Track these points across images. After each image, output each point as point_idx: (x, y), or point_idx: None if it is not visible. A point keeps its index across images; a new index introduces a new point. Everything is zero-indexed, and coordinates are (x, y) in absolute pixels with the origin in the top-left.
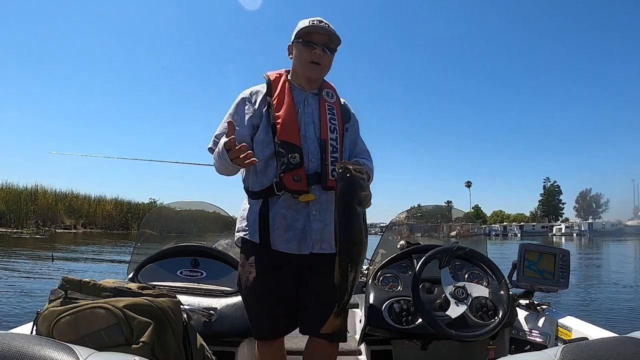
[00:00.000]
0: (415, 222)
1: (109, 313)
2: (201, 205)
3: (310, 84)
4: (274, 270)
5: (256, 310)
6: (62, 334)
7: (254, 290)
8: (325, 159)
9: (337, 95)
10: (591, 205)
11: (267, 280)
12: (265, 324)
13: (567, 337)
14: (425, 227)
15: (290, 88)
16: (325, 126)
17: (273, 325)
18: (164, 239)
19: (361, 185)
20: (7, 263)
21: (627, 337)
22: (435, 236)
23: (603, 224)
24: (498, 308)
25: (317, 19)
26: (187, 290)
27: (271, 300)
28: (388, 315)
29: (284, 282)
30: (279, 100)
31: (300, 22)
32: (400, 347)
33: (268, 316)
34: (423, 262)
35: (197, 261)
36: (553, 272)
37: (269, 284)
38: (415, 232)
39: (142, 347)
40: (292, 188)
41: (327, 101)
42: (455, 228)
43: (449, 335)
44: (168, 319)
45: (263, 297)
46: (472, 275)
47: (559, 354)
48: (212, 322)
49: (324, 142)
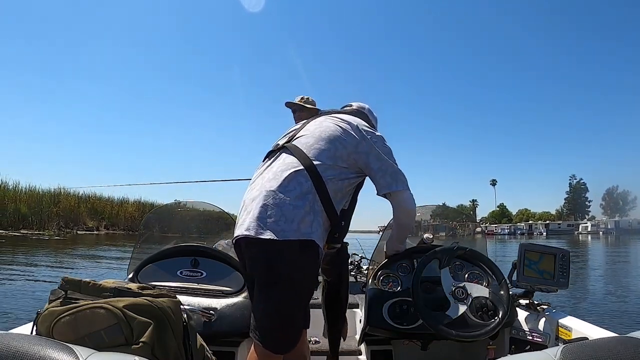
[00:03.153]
0: (440, 221)
1: (109, 313)
2: (201, 205)
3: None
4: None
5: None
6: (62, 334)
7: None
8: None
9: None
10: (618, 202)
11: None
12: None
13: (567, 337)
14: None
15: None
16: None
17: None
18: (164, 239)
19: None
20: (15, 264)
21: (627, 337)
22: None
23: (630, 222)
24: (498, 308)
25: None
26: (187, 291)
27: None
28: (388, 315)
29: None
30: None
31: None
32: (400, 347)
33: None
34: (423, 262)
35: (197, 261)
36: (553, 272)
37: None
38: (439, 232)
39: (142, 347)
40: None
41: None
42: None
43: (449, 335)
44: (168, 319)
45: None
46: (472, 275)
47: (559, 354)
48: (212, 322)
49: None
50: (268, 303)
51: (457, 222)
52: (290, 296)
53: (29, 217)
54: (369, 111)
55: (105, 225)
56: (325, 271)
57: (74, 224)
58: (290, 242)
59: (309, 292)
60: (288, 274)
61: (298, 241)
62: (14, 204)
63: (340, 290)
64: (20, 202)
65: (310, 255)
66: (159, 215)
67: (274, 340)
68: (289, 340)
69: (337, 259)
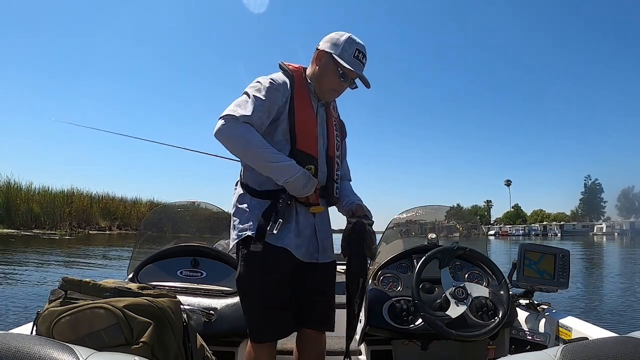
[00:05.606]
0: (454, 223)
1: (109, 313)
2: (201, 205)
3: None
4: (281, 270)
5: (265, 310)
6: (62, 334)
7: (265, 290)
8: (331, 175)
9: (337, 109)
10: (634, 203)
11: (278, 281)
12: (275, 324)
13: (567, 337)
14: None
15: (309, 92)
16: (333, 143)
17: (281, 325)
18: (164, 239)
19: (372, 240)
20: (20, 263)
21: (627, 337)
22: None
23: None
24: (498, 308)
25: (362, 51)
26: (187, 291)
27: (282, 299)
28: (388, 315)
29: (287, 282)
30: (300, 104)
31: (348, 41)
32: (400, 347)
33: (278, 316)
34: (423, 262)
35: (197, 261)
36: (553, 272)
37: (280, 284)
38: (453, 233)
39: (142, 347)
40: (306, 200)
41: (334, 116)
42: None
43: (449, 335)
44: (168, 319)
45: (276, 297)
46: (472, 275)
47: (559, 354)
48: (212, 322)
49: (331, 159)
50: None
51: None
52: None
53: (42, 217)
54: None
55: (118, 225)
56: (343, 250)
57: (87, 224)
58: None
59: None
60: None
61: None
62: (26, 204)
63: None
64: (33, 202)
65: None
66: (159, 215)
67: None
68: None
69: (348, 238)
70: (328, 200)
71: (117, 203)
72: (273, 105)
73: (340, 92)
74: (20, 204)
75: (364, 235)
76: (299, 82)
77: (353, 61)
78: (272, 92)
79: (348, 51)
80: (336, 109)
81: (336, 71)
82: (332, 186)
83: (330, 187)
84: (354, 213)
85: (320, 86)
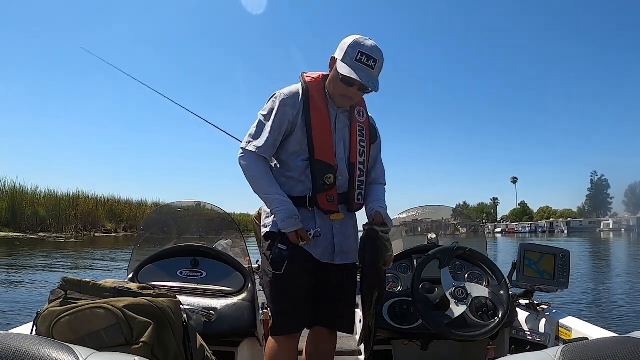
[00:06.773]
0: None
1: (109, 313)
2: (201, 205)
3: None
4: (302, 265)
5: (291, 302)
6: (62, 334)
7: (289, 282)
8: (353, 181)
9: (366, 112)
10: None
11: (301, 275)
12: (298, 317)
13: (567, 337)
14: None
15: (326, 100)
16: (355, 149)
17: (303, 318)
18: (164, 239)
19: (387, 248)
20: (24, 266)
21: (627, 337)
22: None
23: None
24: (498, 308)
25: (367, 53)
26: (187, 291)
27: (303, 294)
28: (388, 315)
29: (306, 278)
30: (315, 113)
31: (351, 44)
32: (401, 347)
33: (300, 309)
34: (423, 262)
35: (197, 261)
36: (553, 272)
37: (301, 278)
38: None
39: (142, 347)
40: (325, 208)
41: (358, 121)
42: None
43: (449, 335)
44: (168, 319)
45: (297, 289)
46: (472, 275)
47: (559, 354)
48: (212, 322)
49: (353, 166)
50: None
51: (457, 222)
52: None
53: (47, 220)
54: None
55: (124, 227)
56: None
57: (92, 227)
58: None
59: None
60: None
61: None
62: (32, 207)
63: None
64: (39, 206)
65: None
66: (159, 215)
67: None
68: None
69: (362, 247)
70: (349, 207)
71: (122, 205)
72: (283, 121)
73: (354, 97)
74: (26, 208)
75: (376, 243)
76: (315, 92)
77: (355, 65)
78: (282, 108)
79: (350, 55)
80: (363, 113)
81: (341, 82)
82: (353, 193)
83: (351, 194)
84: (372, 220)
85: (331, 93)
